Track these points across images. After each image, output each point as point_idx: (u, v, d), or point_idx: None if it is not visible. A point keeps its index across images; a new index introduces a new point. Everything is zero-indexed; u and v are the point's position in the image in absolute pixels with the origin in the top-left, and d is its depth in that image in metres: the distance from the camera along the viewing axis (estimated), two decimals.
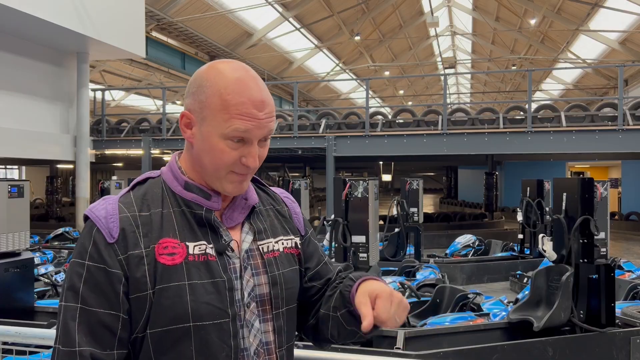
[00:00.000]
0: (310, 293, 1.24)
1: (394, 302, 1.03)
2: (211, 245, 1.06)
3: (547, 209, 8.42)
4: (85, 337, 0.98)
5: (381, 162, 23.34)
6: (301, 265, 1.22)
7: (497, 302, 5.53)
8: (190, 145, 1.09)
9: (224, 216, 1.11)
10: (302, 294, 1.22)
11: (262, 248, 1.13)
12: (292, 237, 1.21)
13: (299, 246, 1.22)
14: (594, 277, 4.62)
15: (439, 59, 26.92)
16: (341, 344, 1.27)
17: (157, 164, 14.18)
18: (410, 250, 8.77)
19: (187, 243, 1.04)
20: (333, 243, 4.57)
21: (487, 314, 5.21)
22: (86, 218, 1.06)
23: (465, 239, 10.35)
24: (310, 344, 1.30)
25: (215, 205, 1.09)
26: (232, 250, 1.08)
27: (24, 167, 24.59)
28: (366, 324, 1.00)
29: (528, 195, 8.70)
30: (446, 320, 5.00)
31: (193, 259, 1.03)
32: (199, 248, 1.04)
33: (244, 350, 1.06)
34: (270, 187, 1.28)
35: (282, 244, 1.17)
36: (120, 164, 20.51)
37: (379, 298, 1.03)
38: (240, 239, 1.11)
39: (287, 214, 1.25)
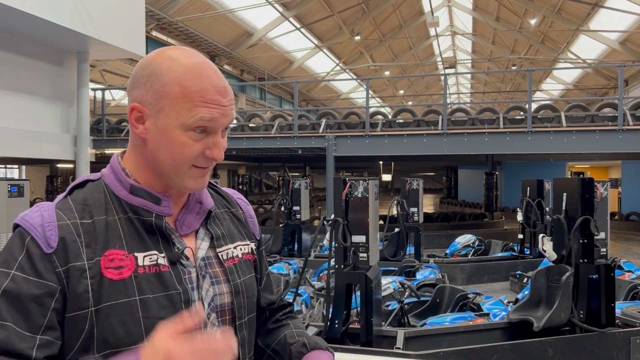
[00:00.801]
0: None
1: None
2: (163, 255, 0.96)
3: (547, 209, 8.41)
4: None
5: (381, 162, 23.34)
6: (256, 273, 1.15)
7: (497, 302, 5.53)
8: (142, 142, 0.97)
9: (177, 222, 1.01)
10: None
11: (222, 255, 1.04)
12: (249, 242, 1.13)
13: (255, 252, 1.15)
14: (594, 277, 4.62)
15: (439, 59, 26.90)
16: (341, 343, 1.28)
17: None
18: (410, 250, 8.77)
19: (136, 254, 0.94)
20: (333, 243, 4.56)
21: (487, 314, 5.21)
22: (16, 227, 0.92)
23: (465, 239, 10.35)
24: None
25: (165, 210, 0.99)
26: (187, 259, 0.99)
27: (24, 167, 24.57)
28: None
29: (528, 195, 8.70)
30: (446, 320, 5.00)
31: (143, 271, 0.93)
32: (150, 259, 0.94)
33: None
34: (222, 188, 1.19)
35: (240, 249, 1.10)
36: None
37: None
38: (196, 246, 1.02)
39: (243, 217, 1.16)
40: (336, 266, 4.57)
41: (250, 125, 12.32)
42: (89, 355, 0.89)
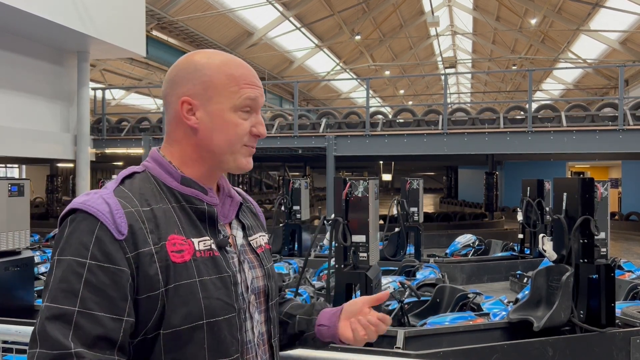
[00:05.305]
0: None
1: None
2: (212, 241, 1.04)
3: (547, 209, 8.41)
4: (82, 347, 0.87)
5: (381, 162, 23.33)
6: None
7: (497, 302, 5.53)
8: (192, 132, 1.05)
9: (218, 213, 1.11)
10: None
11: (252, 243, 1.15)
12: (264, 233, 1.24)
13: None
14: (594, 277, 4.62)
15: (439, 58, 26.89)
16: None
17: None
18: (410, 249, 8.77)
19: (192, 239, 1.01)
20: (333, 242, 4.56)
21: (487, 314, 5.22)
22: (71, 212, 0.96)
23: (465, 238, 10.35)
24: None
25: (213, 200, 1.07)
26: (230, 245, 1.08)
27: (24, 166, 24.58)
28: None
29: (528, 195, 8.69)
30: (446, 320, 5.00)
31: (200, 255, 1.00)
32: (204, 244, 1.02)
33: (248, 342, 1.07)
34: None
35: (263, 239, 1.21)
36: (120, 163, 20.47)
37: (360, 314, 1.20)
38: (232, 234, 1.12)
39: (255, 211, 1.28)
40: (336, 266, 4.57)
41: None
42: (155, 331, 0.95)
